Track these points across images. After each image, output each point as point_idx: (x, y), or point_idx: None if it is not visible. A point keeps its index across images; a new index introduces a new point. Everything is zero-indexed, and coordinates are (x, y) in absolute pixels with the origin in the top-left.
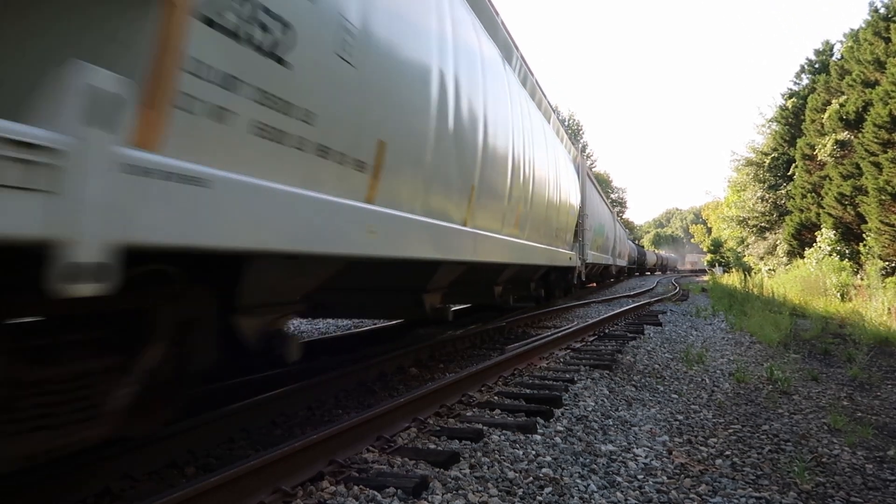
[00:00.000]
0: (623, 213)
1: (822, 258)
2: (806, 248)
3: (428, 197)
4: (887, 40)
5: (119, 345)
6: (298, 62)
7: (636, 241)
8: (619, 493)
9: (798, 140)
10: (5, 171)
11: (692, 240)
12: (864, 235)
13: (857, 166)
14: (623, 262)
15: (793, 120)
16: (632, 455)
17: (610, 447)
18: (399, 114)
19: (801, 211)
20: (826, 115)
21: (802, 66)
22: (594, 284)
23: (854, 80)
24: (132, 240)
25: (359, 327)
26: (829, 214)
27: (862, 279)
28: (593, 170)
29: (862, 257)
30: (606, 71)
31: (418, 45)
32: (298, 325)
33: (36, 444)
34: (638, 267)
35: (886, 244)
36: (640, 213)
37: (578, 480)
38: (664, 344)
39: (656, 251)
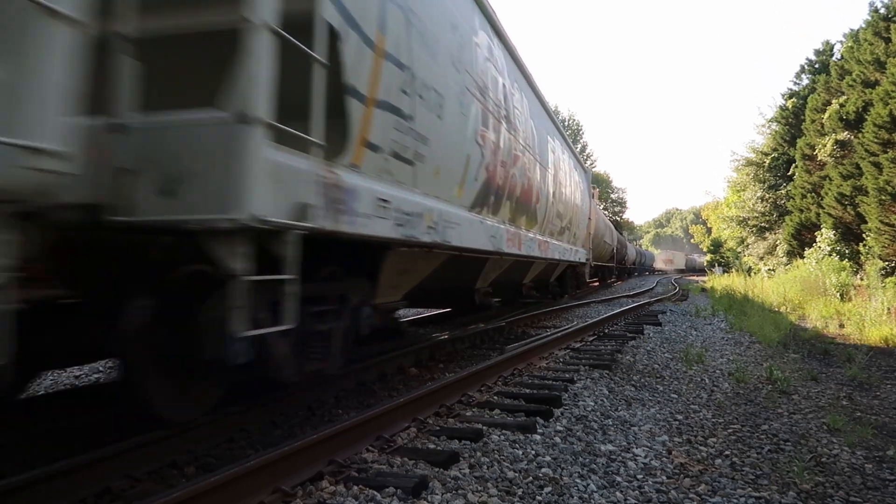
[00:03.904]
0: (623, 212)
1: (822, 258)
2: (806, 248)
3: None
4: (887, 40)
5: None
6: None
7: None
8: (618, 493)
9: (798, 140)
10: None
11: (692, 240)
12: (863, 235)
13: (857, 166)
14: (580, 254)
15: (793, 120)
16: (631, 455)
17: (609, 447)
18: None
19: (801, 211)
20: (826, 115)
21: (802, 67)
22: None
23: (854, 80)
24: None
25: None
26: (829, 214)
27: (862, 279)
28: (593, 170)
29: (862, 257)
30: (607, 71)
31: None
32: None
33: None
34: (618, 265)
35: (886, 244)
36: (640, 213)
37: (578, 480)
38: (664, 344)
39: (636, 246)
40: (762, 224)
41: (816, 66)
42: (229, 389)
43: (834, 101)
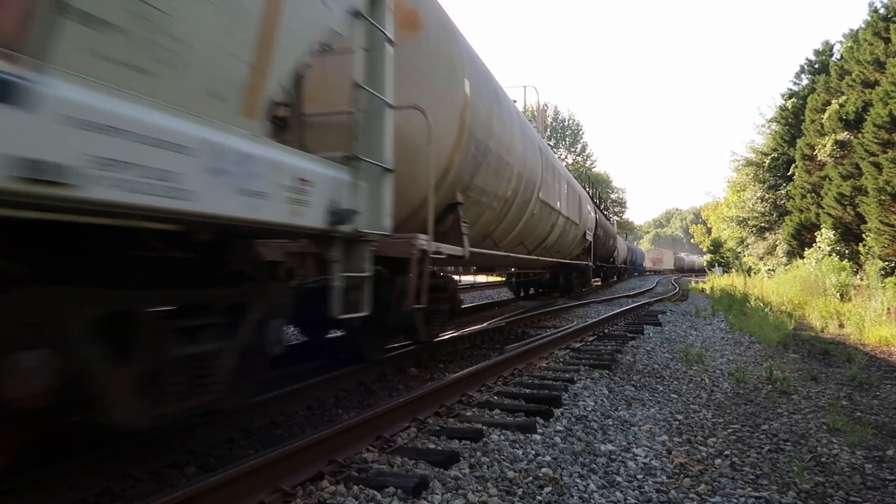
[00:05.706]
0: (623, 212)
1: (822, 258)
2: (805, 249)
3: None
4: (887, 40)
5: None
6: None
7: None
8: (618, 493)
9: (798, 140)
10: None
11: (692, 240)
12: (863, 235)
13: (857, 166)
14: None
15: (793, 120)
16: (631, 455)
17: (609, 447)
18: None
19: (801, 211)
20: (826, 115)
21: (802, 67)
22: None
23: (854, 81)
24: None
25: None
26: (829, 215)
27: (861, 279)
28: (593, 170)
29: (861, 257)
30: (607, 71)
31: None
32: None
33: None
34: (601, 263)
35: (886, 244)
36: (640, 213)
37: (578, 480)
38: (664, 344)
39: (629, 241)
40: (762, 224)
41: (816, 66)
42: None
43: (834, 101)
